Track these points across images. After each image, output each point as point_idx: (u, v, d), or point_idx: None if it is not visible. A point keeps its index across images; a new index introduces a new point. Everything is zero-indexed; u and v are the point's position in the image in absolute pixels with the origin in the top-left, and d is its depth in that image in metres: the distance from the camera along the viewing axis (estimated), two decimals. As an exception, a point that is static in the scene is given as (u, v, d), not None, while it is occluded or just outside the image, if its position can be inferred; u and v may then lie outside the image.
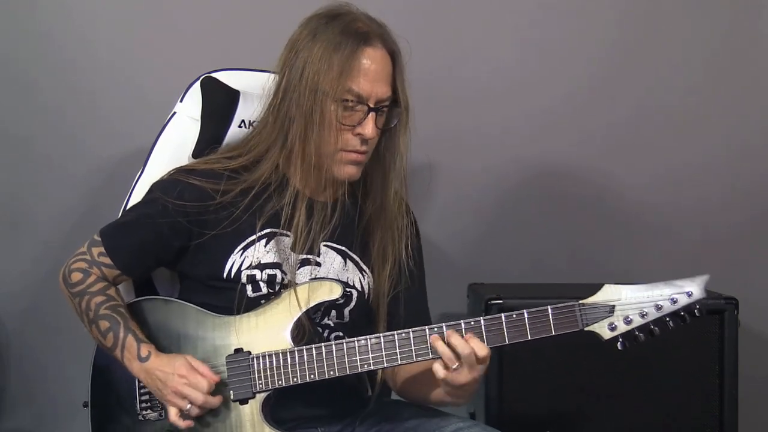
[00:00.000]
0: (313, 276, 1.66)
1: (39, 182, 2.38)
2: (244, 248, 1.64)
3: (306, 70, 1.58)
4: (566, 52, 2.49)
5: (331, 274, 1.68)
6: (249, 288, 1.63)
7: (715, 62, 2.53)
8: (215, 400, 1.56)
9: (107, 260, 1.66)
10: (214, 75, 1.91)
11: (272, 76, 1.67)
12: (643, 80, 2.51)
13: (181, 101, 1.91)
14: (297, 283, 1.64)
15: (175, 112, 1.91)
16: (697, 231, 2.54)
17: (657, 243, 2.54)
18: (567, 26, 2.49)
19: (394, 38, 1.64)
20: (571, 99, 2.50)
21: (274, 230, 1.65)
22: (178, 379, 1.54)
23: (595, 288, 1.56)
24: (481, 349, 1.49)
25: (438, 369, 1.51)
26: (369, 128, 1.59)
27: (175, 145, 1.87)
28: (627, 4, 2.50)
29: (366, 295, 1.71)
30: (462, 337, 1.50)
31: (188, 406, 1.54)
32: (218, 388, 1.57)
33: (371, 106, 1.59)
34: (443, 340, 1.50)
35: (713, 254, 2.51)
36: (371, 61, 1.59)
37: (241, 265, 1.63)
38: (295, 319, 1.59)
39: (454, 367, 1.49)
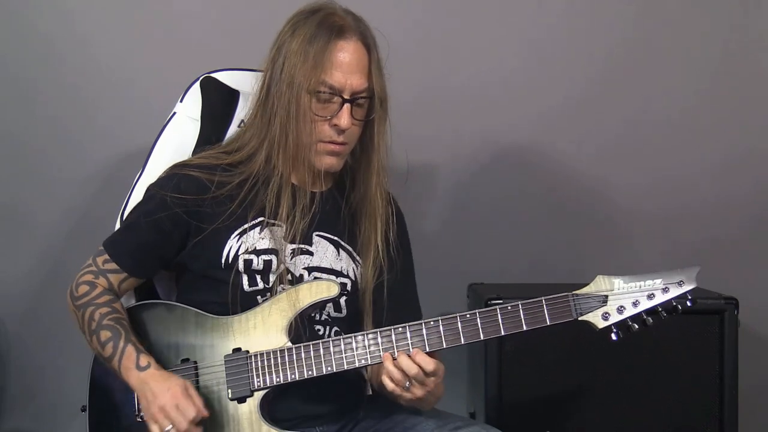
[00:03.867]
0: (306, 265, 1.68)
1: (39, 183, 2.38)
2: (240, 234, 1.66)
3: (285, 64, 1.63)
4: (567, 55, 2.49)
5: (324, 263, 1.70)
6: (245, 279, 1.64)
7: (715, 66, 2.52)
8: (198, 431, 1.55)
9: (113, 266, 1.67)
10: (213, 75, 1.92)
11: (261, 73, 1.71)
12: (643, 82, 2.51)
13: (181, 101, 1.91)
14: (291, 272, 1.66)
15: (175, 113, 1.91)
16: (697, 231, 2.54)
17: (657, 243, 2.54)
18: (568, 29, 2.49)
19: (373, 32, 1.68)
20: (572, 101, 2.50)
21: (265, 219, 1.66)
22: (169, 397, 1.53)
23: (594, 288, 1.57)
24: (428, 365, 1.51)
25: (387, 382, 1.54)
26: (343, 119, 1.62)
27: (175, 145, 1.87)
28: (627, 9, 2.50)
29: (359, 284, 1.73)
30: (409, 356, 1.52)
31: (169, 427, 1.52)
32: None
33: (346, 97, 1.62)
34: (393, 359, 1.53)
35: (713, 254, 2.51)
36: (345, 53, 1.63)
37: (238, 249, 1.65)
38: (292, 317, 1.60)
39: (406, 385, 1.52)
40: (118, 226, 1.82)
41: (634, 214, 2.54)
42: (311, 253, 1.70)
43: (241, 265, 1.64)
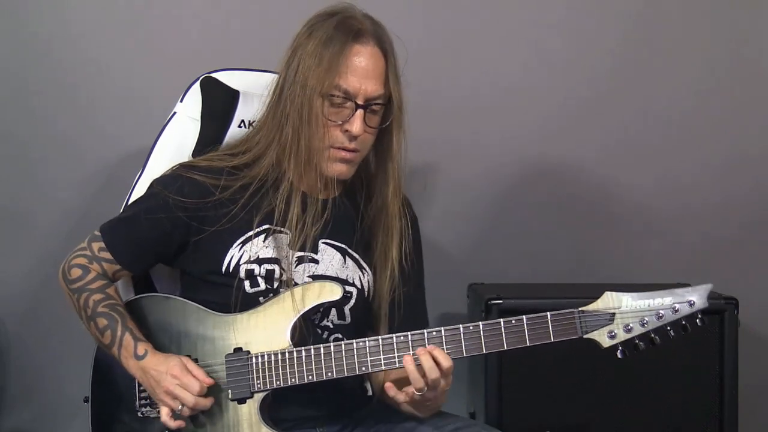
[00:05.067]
0: (311, 273, 1.67)
1: (39, 183, 2.38)
2: (243, 243, 1.64)
3: (299, 67, 1.60)
4: (568, 57, 2.49)
5: (329, 272, 1.68)
6: (247, 283, 1.63)
7: (716, 69, 2.52)
8: (206, 402, 1.56)
9: (107, 255, 1.66)
10: (214, 75, 1.91)
11: (275, 75, 1.68)
12: (644, 83, 2.50)
13: (181, 101, 1.91)
14: (295, 280, 1.64)
15: (175, 112, 1.91)
16: (698, 232, 2.53)
17: (657, 243, 2.53)
18: (570, 30, 2.49)
19: (390, 38, 1.64)
20: (572, 100, 2.50)
21: (270, 227, 1.65)
22: (170, 379, 1.54)
23: (596, 288, 1.56)
24: (444, 360, 1.51)
25: (399, 396, 1.55)
26: (356, 125, 1.59)
27: (175, 145, 1.87)
28: (630, 10, 2.49)
29: (366, 293, 1.71)
30: (432, 358, 1.51)
31: (180, 406, 1.54)
32: (214, 390, 1.57)
33: (359, 103, 1.59)
34: (413, 359, 1.52)
35: (713, 254, 2.50)
36: (360, 58, 1.59)
37: (239, 259, 1.64)
38: (295, 319, 1.59)
39: (422, 387, 1.51)
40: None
41: (635, 215, 2.54)
42: (316, 261, 1.68)
43: (242, 273, 1.63)
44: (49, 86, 2.35)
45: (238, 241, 1.64)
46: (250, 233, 1.64)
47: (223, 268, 1.64)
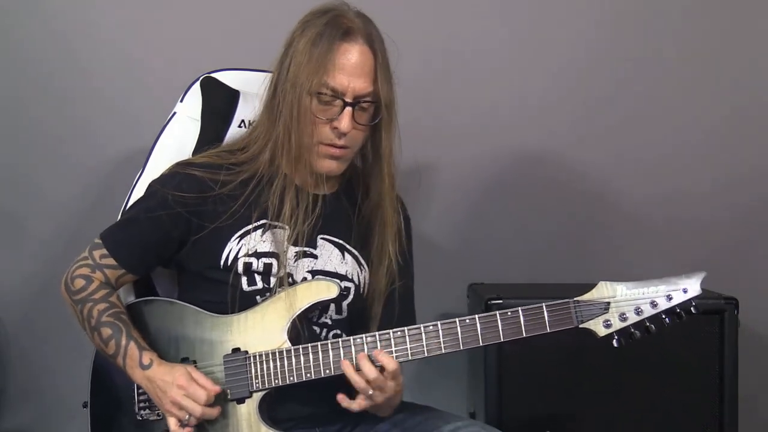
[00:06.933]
0: (310, 268, 1.68)
1: (38, 184, 2.38)
2: (241, 236, 1.65)
3: (290, 64, 1.62)
4: (570, 56, 2.49)
5: (328, 267, 1.69)
6: (244, 280, 1.64)
7: (717, 67, 2.52)
8: (214, 412, 1.56)
9: (110, 261, 1.66)
10: (214, 75, 1.92)
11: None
12: (645, 85, 2.51)
13: (181, 101, 1.92)
14: (294, 275, 1.65)
15: (175, 112, 1.91)
16: (698, 231, 2.53)
17: (658, 243, 2.53)
18: (572, 32, 2.48)
19: (382, 36, 1.66)
20: (573, 102, 2.50)
21: (267, 221, 1.66)
22: (177, 389, 1.54)
23: (595, 288, 1.57)
24: (389, 364, 1.52)
25: (345, 402, 1.55)
26: (344, 123, 1.60)
27: (175, 145, 1.88)
28: (633, 15, 2.49)
29: (361, 289, 1.72)
30: (370, 359, 1.53)
31: (187, 416, 1.55)
32: (217, 396, 1.57)
33: (348, 101, 1.61)
34: (353, 365, 1.54)
35: (713, 254, 2.50)
36: (349, 56, 1.60)
37: (237, 252, 1.64)
38: (292, 318, 1.60)
39: (369, 393, 1.52)
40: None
41: (635, 215, 2.54)
42: (315, 257, 1.69)
43: (240, 268, 1.64)
44: (49, 86, 2.35)
45: (236, 235, 1.65)
46: (249, 227, 1.65)
47: (222, 262, 1.64)
